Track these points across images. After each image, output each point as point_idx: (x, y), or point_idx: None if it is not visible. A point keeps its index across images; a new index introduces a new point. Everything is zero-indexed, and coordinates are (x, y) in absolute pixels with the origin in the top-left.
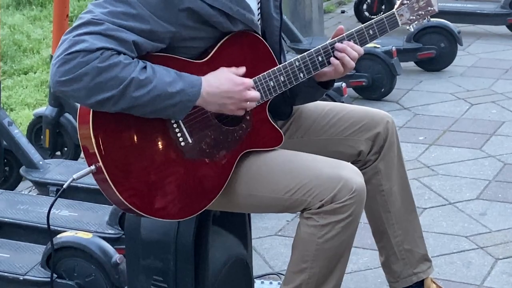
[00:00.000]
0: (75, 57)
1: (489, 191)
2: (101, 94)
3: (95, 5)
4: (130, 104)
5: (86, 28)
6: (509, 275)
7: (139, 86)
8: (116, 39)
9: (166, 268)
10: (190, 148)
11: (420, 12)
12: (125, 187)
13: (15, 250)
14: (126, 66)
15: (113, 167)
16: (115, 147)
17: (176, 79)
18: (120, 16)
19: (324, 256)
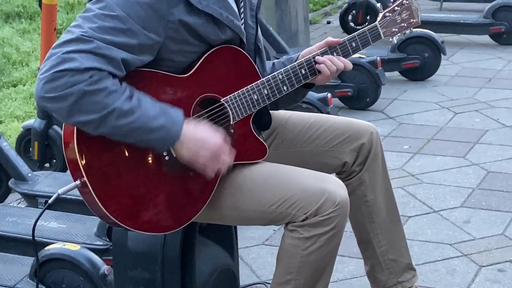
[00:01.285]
0: (63, 75)
1: (473, 199)
2: (82, 116)
3: (84, 18)
4: (109, 131)
5: (76, 46)
6: (492, 282)
7: (121, 116)
8: (105, 58)
9: (153, 279)
10: (174, 162)
11: (403, 24)
12: (110, 201)
13: (3, 262)
14: (112, 93)
15: (98, 181)
16: (100, 162)
17: (159, 114)
18: (109, 31)
19: (309, 267)
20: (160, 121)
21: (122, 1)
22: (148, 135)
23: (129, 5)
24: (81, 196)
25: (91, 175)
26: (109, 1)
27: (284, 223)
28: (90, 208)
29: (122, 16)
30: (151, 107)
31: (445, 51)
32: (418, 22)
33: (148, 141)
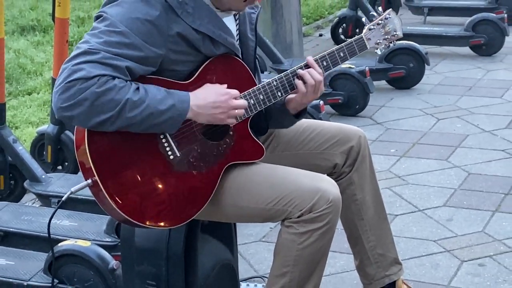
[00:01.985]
0: (74, 84)
1: (455, 199)
2: (100, 116)
3: (91, 35)
4: (126, 123)
5: (84, 58)
6: (473, 276)
7: (134, 107)
8: (111, 66)
9: (159, 273)
10: (178, 161)
11: (386, 36)
12: (119, 199)
13: (19, 258)
14: (121, 89)
15: (107, 180)
16: (109, 163)
17: (166, 96)
18: (114, 45)
19: (304, 261)
20: (168, 102)
21: (125, 18)
22: (160, 117)
23: (131, 21)
24: (92, 195)
25: (101, 175)
26: (113, 19)
27: (280, 220)
28: (100, 205)
29: (125, 31)
30: (157, 92)
31: (429, 62)
32: (400, 35)
33: (161, 123)
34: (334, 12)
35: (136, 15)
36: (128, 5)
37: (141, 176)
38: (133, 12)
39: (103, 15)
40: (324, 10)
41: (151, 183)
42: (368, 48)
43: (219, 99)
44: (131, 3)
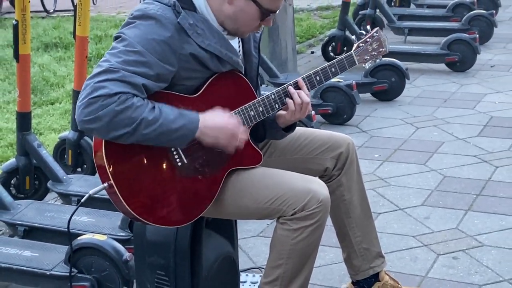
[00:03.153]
0: (97, 101)
1: (432, 199)
2: (117, 131)
3: (111, 54)
4: (141, 138)
5: (105, 76)
6: (448, 268)
7: (148, 125)
8: (129, 84)
9: (167, 265)
10: (185, 167)
11: (374, 53)
12: (132, 201)
13: (43, 250)
14: (138, 108)
15: (122, 184)
16: (124, 168)
17: (178, 117)
18: (132, 63)
19: (297, 254)
20: (179, 122)
21: (141, 39)
22: (171, 135)
23: (147, 42)
24: (108, 196)
25: (117, 179)
26: (130, 40)
27: (276, 217)
28: (115, 205)
29: (142, 51)
30: (171, 112)
31: (409, 77)
32: (386, 51)
33: (172, 140)
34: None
35: (152, 36)
36: (144, 27)
37: (152, 180)
38: (149, 34)
39: (122, 36)
40: (315, 30)
41: (160, 186)
42: (357, 64)
43: (227, 126)
44: (147, 25)
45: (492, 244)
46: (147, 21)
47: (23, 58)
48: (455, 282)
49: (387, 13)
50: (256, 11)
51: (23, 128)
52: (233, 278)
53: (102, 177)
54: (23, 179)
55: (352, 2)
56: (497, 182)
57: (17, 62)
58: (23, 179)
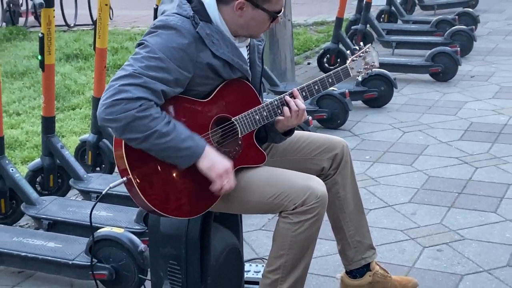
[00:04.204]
0: (119, 103)
1: (418, 197)
2: (131, 134)
3: (134, 59)
4: (149, 147)
5: (129, 80)
6: (433, 259)
7: (160, 137)
8: (150, 90)
9: (179, 255)
10: None
11: (366, 66)
12: (148, 194)
13: (65, 242)
14: (155, 119)
15: (139, 179)
16: (141, 164)
17: (188, 138)
18: (153, 69)
19: (297, 245)
20: (188, 143)
21: (162, 46)
22: (177, 153)
23: (167, 49)
24: (126, 190)
25: (135, 174)
26: (152, 47)
27: (278, 212)
28: (133, 198)
29: (162, 57)
30: (183, 131)
31: (397, 86)
32: (377, 66)
33: (175, 158)
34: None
35: (172, 44)
36: (165, 35)
37: (166, 176)
38: (169, 42)
39: (145, 43)
40: (311, 43)
41: (174, 182)
42: (351, 76)
43: (223, 165)
44: (167, 34)
45: (472, 237)
46: (168, 30)
47: (48, 67)
48: (439, 272)
49: (377, 28)
50: (264, 16)
51: (47, 131)
52: (238, 267)
53: (121, 172)
54: (48, 177)
55: (345, 18)
56: (477, 181)
57: (42, 71)
58: (48, 177)
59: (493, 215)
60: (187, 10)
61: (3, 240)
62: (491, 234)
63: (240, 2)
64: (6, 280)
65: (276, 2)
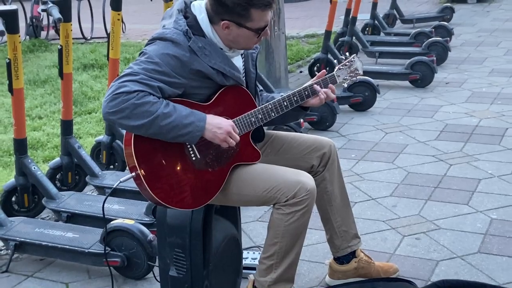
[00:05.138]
0: (119, 96)
1: (398, 191)
2: (136, 121)
3: (134, 64)
4: (158, 131)
5: (127, 78)
6: (412, 247)
7: (163, 118)
8: (146, 85)
9: (183, 244)
10: (198, 161)
11: (351, 74)
12: (155, 188)
13: (82, 232)
14: (154, 104)
15: (147, 174)
16: (149, 161)
17: (189, 114)
18: (150, 71)
19: (289, 234)
20: (190, 118)
21: (159, 53)
22: (183, 130)
23: (163, 56)
24: (135, 184)
25: (143, 170)
26: (150, 53)
27: (272, 204)
28: (141, 192)
29: (159, 62)
30: (183, 109)
31: (379, 91)
32: (361, 74)
33: (183, 135)
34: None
35: (167, 51)
36: (162, 45)
37: (171, 171)
38: (165, 49)
39: (144, 51)
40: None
41: (178, 176)
42: (338, 83)
43: (225, 126)
44: (164, 43)
45: (447, 227)
46: (164, 41)
47: (66, 76)
48: (417, 259)
49: (362, 40)
50: (250, 33)
51: (66, 133)
52: (237, 254)
53: (131, 169)
54: (66, 175)
55: (333, 31)
56: (451, 177)
57: (61, 79)
58: (66, 174)
59: (465, 207)
60: (182, 26)
61: (26, 231)
62: (464, 224)
63: (225, 22)
64: (29, 267)
65: (259, 20)
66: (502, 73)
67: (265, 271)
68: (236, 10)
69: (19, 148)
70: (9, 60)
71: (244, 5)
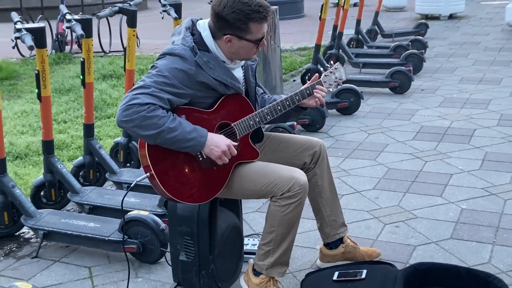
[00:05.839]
0: (132, 107)
1: (380, 185)
2: (145, 132)
3: (146, 76)
4: (163, 141)
5: (140, 90)
6: (392, 234)
7: (169, 132)
8: (157, 97)
9: (192, 232)
10: (204, 161)
11: (336, 80)
12: (167, 185)
13: (102, 222)
14: (162, 118)
15: (160, 173)
16: (161, 162)
17: (192, 130)
18: (160, 83)
19: (284, 223)
20: (193, 134)
21: (169, 67)
22: (185, 143)
23: (172, 70)
24: (150, 183)
25: (156, 170)
26: (161, 67)
27: (269, 197)
28: (155, 189)
29: (168, 75)
30: (187, 125)
31: (363, 97)
32: (344, 79)
33: (185, 147)
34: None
35: (176, 66)
36: (171, 59)
37: (181, 171)
38: (174, 64)
39: (155, 65)
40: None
41: (187, 175)
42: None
43: (222, 145)
44: (173, 58)
45: (423, 216)
46: (173, 56)
47: (88, 85)
48: (397, 244)
49: (347, 52)
50: (249, 44)
51: (88, 135)
52: (239, 241)
53: (145, 168)
54: (88, 172)
55: (322, 44)
56: (426, 172)
57: (84, 88)
58: (88, 171)
59: (439, 199)
60: (189, 42)
61: (53, 222)
62: (438, 214)
63: (228, 36)
64: (56, 253)
65: (256, 33)
66: (470, 81)
67: (264, 256)
68: (237, 24)
69: (47, 148)
70: (38, 71)
71: (244, 20)
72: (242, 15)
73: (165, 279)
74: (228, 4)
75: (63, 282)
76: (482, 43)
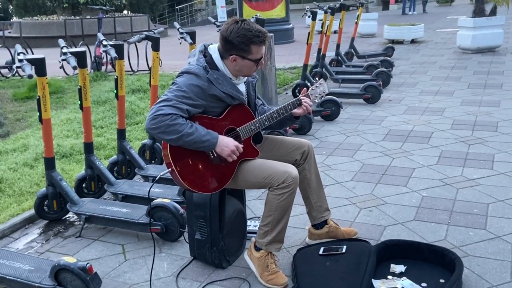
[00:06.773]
0: (158, 117)
1: (357, 177)
2: (168, 136)
3: (168, 91)
4: (183, 143)
5: (164, 103)
6: (367, 216)
7: (187, 136)
8: (178, 108)
9: (205, 215)
10: (215, 159)
11: (320, 93)
12: (185, 178)
13: (133, 208)
14: (182, 125)
15: (180, 169)
16: (180, 159)
17: (206, 134)
18: (180, 97)
19: (280, 208)
20: (207, 137)
21: (186, 84)
22: (201, 144)
23: (189, 85)
24: (171, 177)
25: (176, 166)
26: (180, 84)
27: (268, 187)
28: (175, 181)
29: (186, 90)
30: (202, 130)
31: (342, 106)
32: (327, 92)
33: (201, 147)
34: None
35: (192, 82)
36: (188, 77)
37: (196, 167)
38: (190, 80)
39: (175, 81)
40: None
41: (201, 170)
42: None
43: (230, 146)
44: (189, 76)
45: (392, 202)
46: (189, 74)
47: (120, 97)
48: (370, 225)
49: (329, 70)
50: (251, 63)
51: (120, 138)
52: (243, 223)
53: (167, 164)
54: (121, 168)
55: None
56: (393, 167)
57: (117, 100)
58: (121, 167)
59: (404, 188)
60: (202, 63)
61: (93, 208)
62: (403, 200)
63: (233, 56)
64: (94, 233)
65: (256, 53)
66: (429, 93)
67: (263, 235)
68: (241, 46)
69: (87, 149)
70: (80, 86)
71: (246, 43)
72: (245, 38)
73: (184, 254)
74: (234, 30)
75: (101, 256)
76: (438, 63)
